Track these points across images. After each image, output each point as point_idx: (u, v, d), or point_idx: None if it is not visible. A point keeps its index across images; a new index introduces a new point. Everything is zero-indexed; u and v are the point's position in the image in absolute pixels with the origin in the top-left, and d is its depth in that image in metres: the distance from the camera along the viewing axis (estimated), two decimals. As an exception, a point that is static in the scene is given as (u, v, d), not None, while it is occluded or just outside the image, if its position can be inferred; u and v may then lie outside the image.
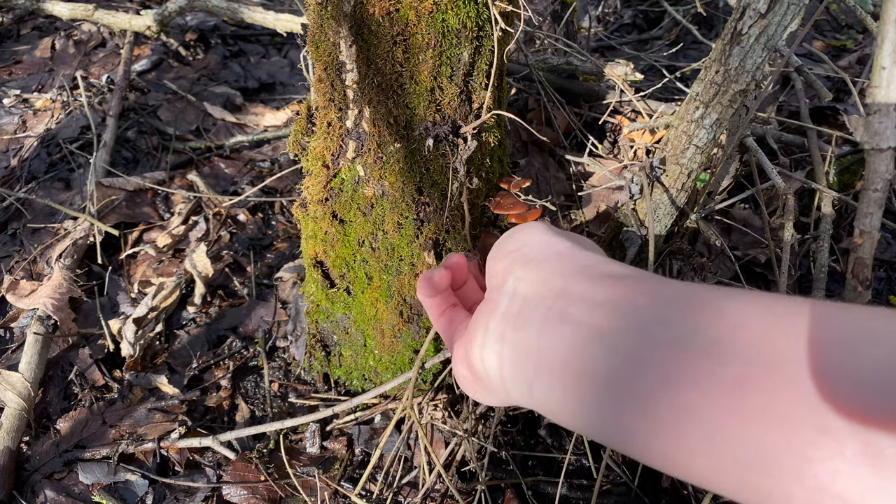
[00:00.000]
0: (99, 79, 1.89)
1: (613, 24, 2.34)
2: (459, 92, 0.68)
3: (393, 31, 0.63)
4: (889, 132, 0.84)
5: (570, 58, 1.43)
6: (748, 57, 0.61)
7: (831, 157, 1.24)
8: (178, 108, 1.82)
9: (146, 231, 1.40)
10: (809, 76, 1.22)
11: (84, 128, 1.68)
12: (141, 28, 1.84)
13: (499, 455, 0.94)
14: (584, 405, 0.33)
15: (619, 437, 0.32)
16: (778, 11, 0.58)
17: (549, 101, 1.44)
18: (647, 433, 0.29)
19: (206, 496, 0.94)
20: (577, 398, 0.33)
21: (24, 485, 0.95)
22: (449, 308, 0.53)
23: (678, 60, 1.97)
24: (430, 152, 0.72)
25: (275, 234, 1.42)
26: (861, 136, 0.85)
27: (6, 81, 1.93)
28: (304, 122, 0.79)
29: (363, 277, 0.85)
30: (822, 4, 0.94)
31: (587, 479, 0.91)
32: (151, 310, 1.17)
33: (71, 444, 1.00)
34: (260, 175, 1.61)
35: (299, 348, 1.12)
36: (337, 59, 0.66)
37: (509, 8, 0.65)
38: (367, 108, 0.68)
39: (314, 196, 0.81)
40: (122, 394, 1.08)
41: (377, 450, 0.86)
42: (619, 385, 0.31)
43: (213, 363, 1.14)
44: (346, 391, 1.04)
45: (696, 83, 0.68)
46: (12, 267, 1.31)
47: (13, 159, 1.61)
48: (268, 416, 1.04)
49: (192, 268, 1.26)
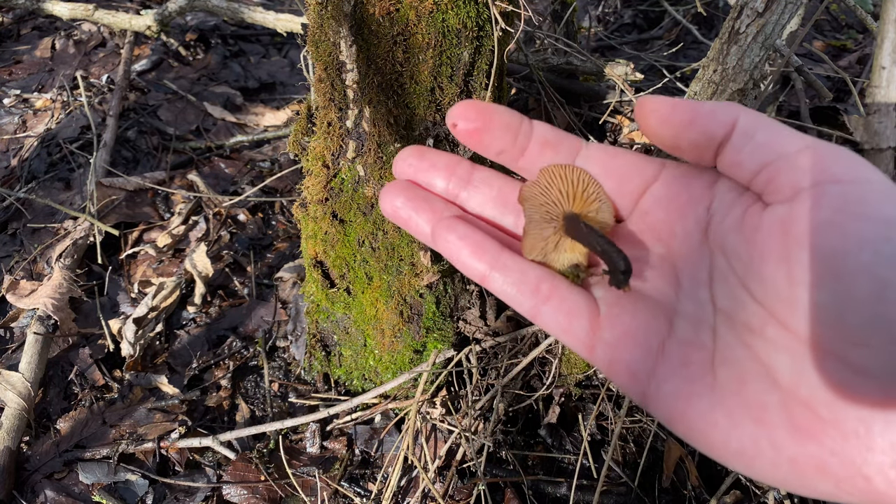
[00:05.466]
0: (99, 79, 1.89)
1: (613, 24, 2.34)
2: (459, 92, 0.69)
3: (393, 31, 0.63)
4: (889, 132, 0.84)
5: (571, 58, 1.43)
6: (746, 56, 0.61)
7: (831, 156, 1.24)
8: (179, 108, 1.82)
9: (146, 231, 1.40)
10: (809, 76, 1.22)
11: (84, 128, 1.68)
12: (141, 28, 1.84)
13: (499, 454, 0.94)
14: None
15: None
16: (775, 10, 0.58)
17: (549, 101, 1.44)
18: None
19: (206, 496, 0.94)
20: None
21: (24, 485, 0.95)
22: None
23: (678, 60, 1.97)
24: (430, 152, 0.72)
25: (275, 234, 1.42)
26: (861, 135, 0.85)
27: (6, 81, 1.93)
28: (305, 122, 0.79)
29: (363, 277, 0.85)
30: (822, 4, 0.94)
31: (587, 479, 0.91)
32: (151, 310, 1.17)
33: (71, 444, 1.00)
34: (260, 175, 1.61)
35: (299, 348, 1.12)
36: (337, 59, 0.66)
37: (509, 8, 0.65)
38: (368, 107, 0.68)
39: (314, 196, 0.81)
40: (122, 394, 1.08)
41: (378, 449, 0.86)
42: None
43: (213, 363, 1.14)
44: (346, 391, 1.04)
45: (693, 82, 0.68)
46: (12, 267, 1.31)
47: (13, 159, 1.61)
48: (268, 416, 1.04)
49: (192, 268, 1.26)
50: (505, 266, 0.41)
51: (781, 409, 0.32)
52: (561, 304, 0.40)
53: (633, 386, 0.37)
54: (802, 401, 0.31)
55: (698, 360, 0.36)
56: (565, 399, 0.98)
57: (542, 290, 0.41)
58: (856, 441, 0.29)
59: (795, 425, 0.31)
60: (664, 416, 0.36)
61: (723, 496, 0.89)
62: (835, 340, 0.30)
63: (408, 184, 0.45)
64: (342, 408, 0.95)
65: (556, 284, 0.41)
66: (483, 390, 0.94)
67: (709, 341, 0.36)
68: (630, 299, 0.40)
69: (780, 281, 0.32)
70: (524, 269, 0.41)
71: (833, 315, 0.30)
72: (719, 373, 0.35)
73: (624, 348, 0.38)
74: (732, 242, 0.36)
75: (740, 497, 0.90)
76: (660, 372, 0.36)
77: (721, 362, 0.35)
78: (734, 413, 0.33)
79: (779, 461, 0.31)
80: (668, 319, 0.38)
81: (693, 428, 0.34)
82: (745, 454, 0.32)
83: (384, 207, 0.44)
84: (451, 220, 0.42)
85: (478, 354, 0.93)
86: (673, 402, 0.35)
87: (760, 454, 0.32)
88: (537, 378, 0.98)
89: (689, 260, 0.40)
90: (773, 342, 0.33)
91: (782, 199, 0.33)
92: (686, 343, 0.37)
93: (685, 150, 0.38)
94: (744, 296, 0.35)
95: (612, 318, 0.39)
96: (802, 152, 0.33)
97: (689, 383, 0.35)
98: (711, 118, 0.36)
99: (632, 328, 0.38)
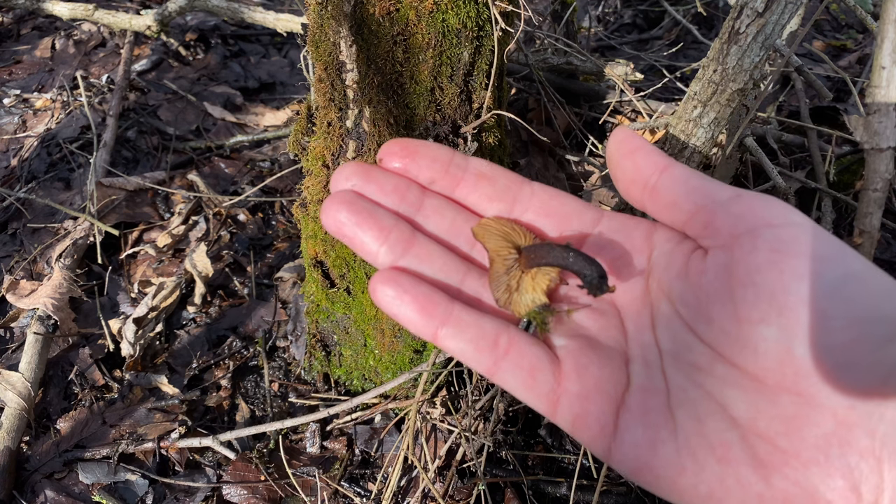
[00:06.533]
0: (99, 79, 1.89)
1: (613, 23, 2.34)
2: (459, 92, 0.69)
3: (393, 30, 0.63)
4: (889, 132, 0.84)
5: (571, 58, 1.43)
6: (746, 56, 0.61)
7: (831, 156, 1.24)
8: (178, 107, 1.82)
9: (146, 231, 1.40)
10: (809, 76, 1.22)
11: (84, 128, 1.68)
12: (141, 28, 1.84)
13: (499, 454, 0.94)
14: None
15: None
16: (775, 10, 0.58)
17: (549, 101, 1.44)
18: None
19: (206, 496, 0.94)
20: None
21: (24, 485, 0.95)
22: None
23: (678, 60, 1.97)
24: (430, 152, 0.72)
25: (275, 234, 1.42)
26: (861, 135, 0.85)
27: (6, 81, 1.93)
28: (304, 121, 0.79)
29: (363, 277, 0.85)
30: (822, 4, 0.94)
31: (587, 479, 0.91)
32: (151, 310, 1.17)
33: (71, 444, 1.00)
34: (260, 175, 1.61)
35: (299, 348, 1.12)
36: (337, 59, 0.66)
37: (509, 8, 0.65)
38: (368, 107, 0.68)
39: (314, 196, 0.81)
40: (122, 394, 1.08)
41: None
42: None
43: (213, 363, 1.14)
44: (346, 391, 1.04)
45: (694, 82, 0.68)
46: (12, 267, 1.31)
47: (13, 159, 1.61)
48: (268, 416, 1.04)
49: (192, 268, 1.26)
50: (459, 320, 0.38)
51: (743, 445, 0.32)
52: (521, 360, 0.38)
53: (598, 440, 0.36)
54: (761, 434, 0.32)
55: (656, 405, 0.36)
56: (565, 399, 0.98)
57: (500, 345, 0.38)
58: (816, 469, 0.30)
59: (758, 460, 0.32)
60: (630, 468, 0.35)
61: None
62: (786, 374, 0.31)
63: (353, 195, 0.41)
64: (342, 408, 0.95)
65: (514, 337, 0.39)
66: (483, 390, 0.94)
67: (661, 384, 0.37)
68: (593, 347, 0.39)
69: (726, 321, 0.34)
70: (480, 323, 0.38)
71: (782, 349, 0.31)
72: (678, 415, 0.35)
73: (592, 400, 0.37)
74: (678, 289, 0.37)
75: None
76: (622, 422, 0.36)
77: (677, 404, 0.35)
78: (698, 455, 0.33)
79: (747, 499, 0.32)
80: (625, 366, 0.38)
81: (660, 476, 0.34)
82: (714, 497, 0.33)
83: (326, 222, 0.40)
84: (391, 273, 0.39)
85: (478, 354, 0.93)
86: (638, 451, 0.35)
87: (728, 495, 0.32)
88: (537, 378, 0.98)
89: (632, 307, 0.41)
90: (723, 379, 0.34)
91: (722, 244, 0.35)
92: (642, 389, 0.37)
93: (632, 196, 0.40)
94: (689, 337, 0.36)
95: (578, 369, 0.38)
96: (734, 200, 0.35)
97: (652, 430, 0.35)
98: (648, 168, 0.38)
99: (600, 377, 0.37)
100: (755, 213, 0.34)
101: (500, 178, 0.44)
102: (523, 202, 0.43)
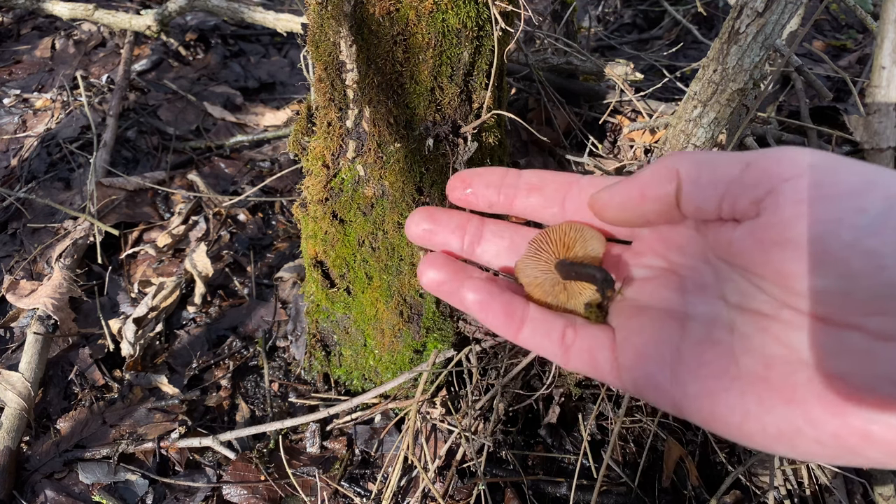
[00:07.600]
0: (99, 79, 1.89)
1: (613, 23, 2.34)
2: (459, 92, 0.69)
3: (393, 30, 0.63)
4: (889, 132, 0.84)
5: (570, 58, 1.43)
6: (746, 56, 0.61)
7: (831, 156, 1.24)
8: (178, 107, 1.82)
9: (146, 231, 1.40)
10: (809, 76, 1.22)
11: (84, 128, 1.68)
12: (141, 28, 1.84)
13: (499, 454, 0.94)
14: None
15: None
16: (775, 10, 0.58)
17: (549, 101, 1.44)
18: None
19: (206, 496, 0.94)
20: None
21: (24, 485, 0.95)
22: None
23: (678, 60, 1.97)
24: (430, 152, 0.72)
25: (275, 234, 1.42)
26: (861, 135, 0.85)
27: (6, 81, 1.93)
28: (304, 121, 0.79)
29: (363, 277, 0.85)
30: (822, 4, 0.94)
31: (587, 478, 0.91)
32: (151, 310, 1.17)
33: (71, 443, 1.00)
34: (260, 175, 1.61)
35: (299, 348, 1.12)
36: (337, 59, 0.66)
37: (509, 8, 0.65)
38: (367, 107, 0.68)
39: (314, 196, 0.81)
40: (122, 394, 1.08)
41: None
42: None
43: (213, 363, 1.14)
44: (346, 391, 1.04)
45: (694, 82, 0.68)
46: (12, 267, 1.31)
47: (13, 159, 1.61)
48: (268, 416, 1.04)
49: (192, 268, 1.26)
50: (533, 319, 0.44)
51: (812, 385, 0.32)
52: (583, 343, 0.43)
53: (662, 398, 0.39)
54: (832, 374, 0.32)
55: (716, 356, 0.37)
56: (565, 399, 0.98)
57: (567, 336, 0.44)
58: (893, 404, 0.29)
59: (829, 399, 0.31)
60: (700, 418, 0.37)
61: (723, 496, 0.89)
62: (850, 315, 0.31)
63: (445, 257, 0.47)
64: (342, 408, 0.95)
65: (577, 326, 0.44)
66: (483, 390, 0.94)
67: (726, 336, 0.37)
68: (638, 316, 0.42)
69: (781, 279, 0.34)
70: (549, 319, 0.45)
71: (839, 296, 0.31)
72: (742, 363, 0.36)
73: (641, 365, 0.39)
74: (731, 252, 0.38)
75: (740, 497, 0.90)
76: (682, 377, 0.38)
77: (743, 352, 0.36)
78: (764, 398, 0.34)
79: (822, 438, 0.32)
80: (680, 325, 0.40)
81: (728, 423, 0.35)
82: (784, 436, 0.33)
83: (424, 282, 0.47)
84: (482, 282, 0.45)
85: (478, 354, 0.93)
86: (702, 401, 0.36)
87: (800, 434, 0.32)
88: (537, 378, 0.98)
89: (690, 268, 0.42)
90: (790, 323, 0.34)
91: (752, 215, 0.35)
92: (700, 343, 0.38)
93: (654, 220, 0.41)
94: (753, 290, 0.37)
95: (623, 342, 0.41)
96: (745, 171, 0.35)
97: (712, 380, 0.36)
98: (656, 183, 0.39)
99: (642, 343, 0.40)
100: (770, 175, 0.34)
101: (548, 186, 0.47)
102: (573, 200, 0.47)
